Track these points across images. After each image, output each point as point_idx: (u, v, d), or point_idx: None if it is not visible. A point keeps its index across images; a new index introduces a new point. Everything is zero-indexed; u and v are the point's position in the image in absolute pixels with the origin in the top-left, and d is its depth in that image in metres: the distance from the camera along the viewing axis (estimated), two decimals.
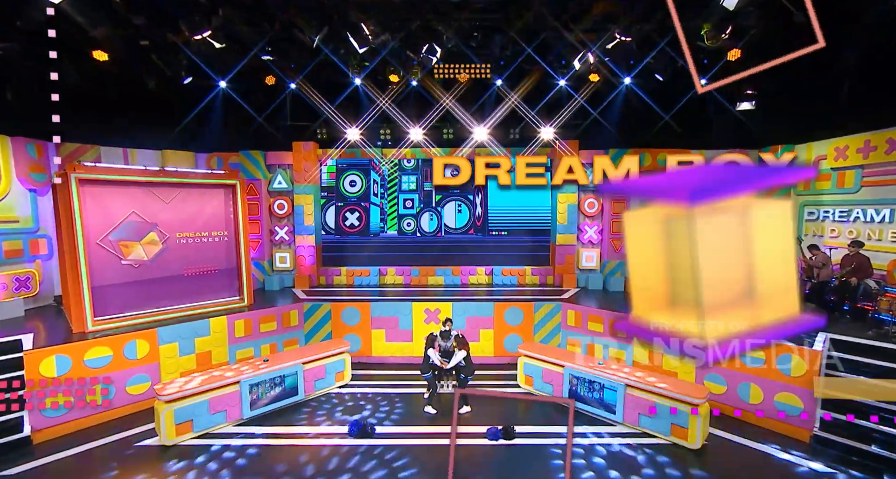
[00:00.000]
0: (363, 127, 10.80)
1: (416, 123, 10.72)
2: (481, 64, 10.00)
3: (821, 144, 9.14)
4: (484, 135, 10.64)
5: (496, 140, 10.97)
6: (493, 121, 10.69)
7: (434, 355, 6.89)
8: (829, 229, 8.92)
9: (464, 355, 6.80)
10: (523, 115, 10.68)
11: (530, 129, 10.86)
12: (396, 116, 10.77)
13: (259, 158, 11.10)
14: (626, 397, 6.43)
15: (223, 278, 8.81)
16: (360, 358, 9.13)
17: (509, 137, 11.55)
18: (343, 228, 11.99)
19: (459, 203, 12.04)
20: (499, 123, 11.00)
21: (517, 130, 11.48)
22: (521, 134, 11.46)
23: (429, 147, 11.11)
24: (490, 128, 10.81)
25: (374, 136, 11.52)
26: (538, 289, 10.90)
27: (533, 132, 10.81)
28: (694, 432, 5.81)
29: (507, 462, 5.62)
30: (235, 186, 8.84)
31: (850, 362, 6.09)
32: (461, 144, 11.10)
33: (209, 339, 7.75)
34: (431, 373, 6.97)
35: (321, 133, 11.59)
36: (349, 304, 9.28)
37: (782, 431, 6.26)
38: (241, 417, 6.54)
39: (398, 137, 11.18)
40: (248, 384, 6.59)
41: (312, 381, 7.48)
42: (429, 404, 6.99)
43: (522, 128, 11.28)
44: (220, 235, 8.78)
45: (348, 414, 6.87)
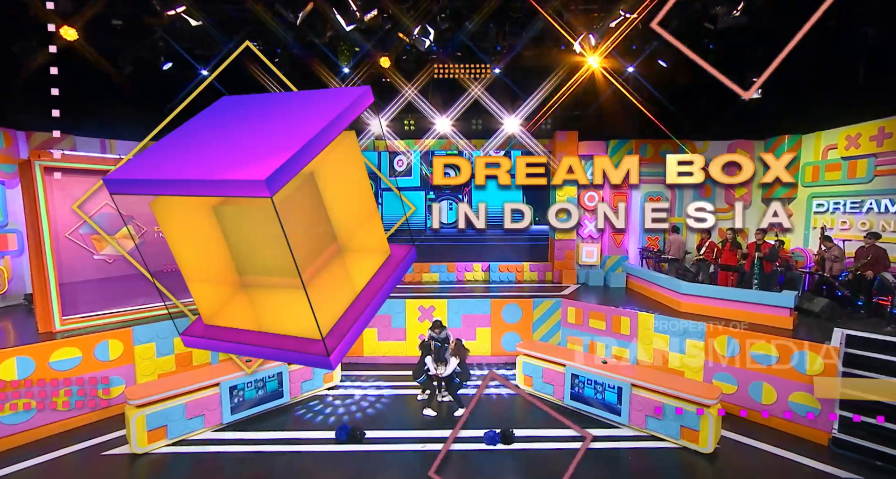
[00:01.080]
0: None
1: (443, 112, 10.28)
2: (478, 64, 9.61)
3: (830, 133, 8.79)
4: (515, 126, 10.18)
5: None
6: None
7: (431, 363, 6.50)
8: (839, 221, 8.57)
9: (457, 362, 6.41)
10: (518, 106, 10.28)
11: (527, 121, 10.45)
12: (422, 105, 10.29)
13: None
14: (631, 397, 6.03)
15: None
16: (351, 358, 8.70)
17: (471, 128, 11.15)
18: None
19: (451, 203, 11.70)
20: (489, 115, 10.60)
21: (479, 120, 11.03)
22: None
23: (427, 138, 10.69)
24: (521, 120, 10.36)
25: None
26: (537, 286, 10.51)
27: (530, 125, 10.40)
28: (706, 435, 5.42)
29: (505, 469, 5.21)
30: None
31: (867, 359, 5.74)
32: (490, 136, 10.69)
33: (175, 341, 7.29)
34: (425, 376, 6.56)
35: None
36: None
37: (798, 433, 5.88)
38: (222, 422, 6.10)
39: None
40: (228, 386, 6.15)
41: (299, 382, 7.04)
42: (428, 406, 6.58)
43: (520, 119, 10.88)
44: None
45: (337, 418, 6.45)
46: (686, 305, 7.68)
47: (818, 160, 9.14)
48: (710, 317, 7.18)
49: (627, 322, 7.80)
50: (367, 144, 11.05)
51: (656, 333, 7.40)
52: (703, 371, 6.85)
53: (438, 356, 6.73)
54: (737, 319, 6.96)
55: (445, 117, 10.32)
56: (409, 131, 11.01)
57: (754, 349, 6.33)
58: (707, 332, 6.80)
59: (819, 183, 9.04)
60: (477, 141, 11.11)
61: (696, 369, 6.92)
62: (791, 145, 9.64)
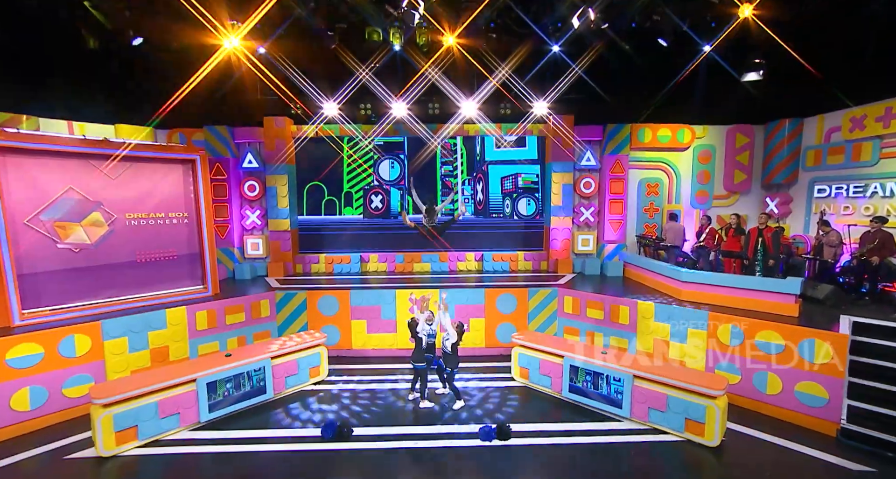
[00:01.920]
0: (341, 101, 9.81)
1: (399, 97, 9.79)
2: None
3: (834, 116, 8.54)
4: (472, 110, 9.76)
5: (484, 115, 10.11)
6: (481, 94, 9.81)
7: (423, 329, 6.12)
8: (842, 206, 8.35)
9: (455, 338, 6.04)
10: (513, 87, 9.82)
11: (521, 103, 9.99)
12: (377, 88, 9.80)
13: (226, 135, 10.09)
14: (633, 389, 5.75)
15: (184, 265, 7.88)
16: (339, 351, 8.32)
17: (499, 113, 10.72)
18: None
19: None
20: (487, 97, 10.13)
21: (507, 104, 10.62)
22: (512, 108, 10.64)
23: (414, 123, 10.21)
24: (479, 102, 9.93)
25: (353, 110, 10.54)
26: (532, 275, 10.20)
27: (525, 107, 9.96)
28: (712, 427, 5.16)
29: (501, 466, 4.89)
30: (195, 162, 7.88)
31: (875, 346, 5.51)
32: (448, 120, 10.25)
33: (165, 332, 6.86)
34: (425, 364, 6.21)
35: (295, 108, 10.62)
36: (326, 292, 8.44)
37: (804, 423, 5.66)
38: (199, 420, 5.70)
39: (380, 112, 10.24)
40: (205, 383, 5.74)
41: (283, 377, 6.66)
42: (412, 390, 6.26)
43: (512, 102, 10.42)
44: (179, 216, 7.83)
45: (323, 414, 6.08)
46: (687, 293, 7.42)
47: (820, 144, 8.90)
48: (711, 305, 6.94)
49: (626, 311, 7.53)
50: (320, 127, 10.34)
51: (656, 322, 7.14)
52: (705, 361, 6.62)
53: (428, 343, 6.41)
54: (740, 306, 6.74)
55: (400, 101, 9.71)
56: (434, 115, 10.47)
57: (759, 338, 6.08)
58: (710, 320, 6.54)
59: (821, 167, 8.80)
60: (470, 126, 10.68)
61: (698, 359, 6.68)
62: (792, 129, 9.38)
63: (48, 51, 7.67)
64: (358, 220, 11.07)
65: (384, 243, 11.01)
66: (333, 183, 11.05)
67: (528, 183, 11.12)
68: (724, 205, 10.34)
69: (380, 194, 11.14)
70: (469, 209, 11.31)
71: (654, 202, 10.39)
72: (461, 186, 11.23)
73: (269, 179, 10.29)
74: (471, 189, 11.36)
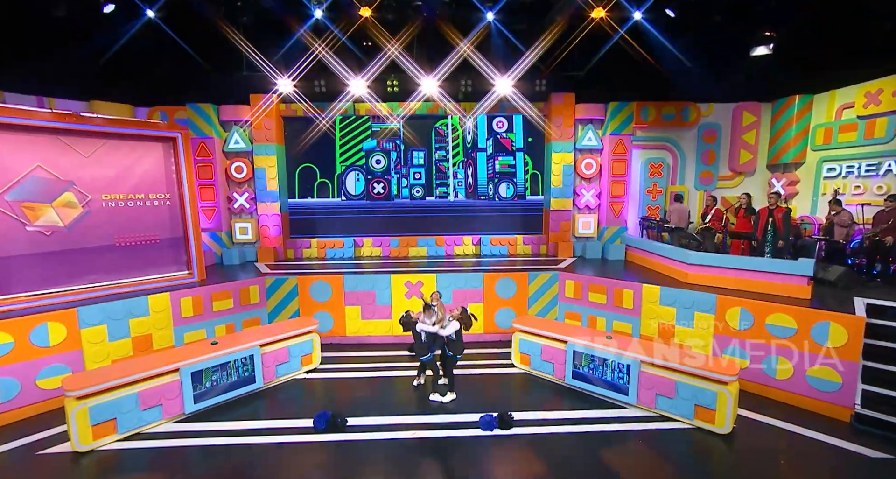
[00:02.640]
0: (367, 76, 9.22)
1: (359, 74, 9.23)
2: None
3: (847, 91, 8.18)
4: (508, 87, 9.11)
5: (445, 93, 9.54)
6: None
7: (424, 326, 5.80)
8: (852, 186, 8.07)
9: (457, 326, 5.73)
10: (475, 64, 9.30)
11: (484, 81, 9.40)
12: (404, 61, 9.18)
13: (211, 113, 9.58)
14: (640, 375, 5.51)
15: (167, 250, 7.48)
16: (332, 338, 8.03)
17: (459, 90, 10.19)
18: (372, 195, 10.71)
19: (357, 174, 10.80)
20: (479, 75, 9.61)
21: (469, 82, 9.99)
22: (475, 86, 10.03)
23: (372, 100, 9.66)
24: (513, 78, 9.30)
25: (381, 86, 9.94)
26: (531, 259, 9.90)
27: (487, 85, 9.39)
28: (723, 414, 4.94)
29: (504, 456, 4.65)
30: (176, 140, 7.40)
31: (891, 329, 5.30)
32: (480, 98, 9.66)
33: (148, 320, 6.50)
34: (431, 355, 5.91)
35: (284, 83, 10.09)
36: (319, 277, 8.10)
37: (815, 409, 5.46)
38: (184, 412, 5.39)
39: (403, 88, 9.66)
40: (190, 372, 5.42)
41: (273, 366, 6.35)
42: (434, 390, 5.95)
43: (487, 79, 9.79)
44: (161, 198, 7.39)
45: (316, 404, 5.80)
46: (694, 276, 7.16)
47: (831, 121, 8.56)
48: (719, 288, 6.69)
49: (630, 295, 7.26)
50: (346, 107, 10.07)
51: (661, 306, 6.89)
52: (712, 346, 6.39)
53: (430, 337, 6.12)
54: (749, 289, 6.49)
55: (432, 77, 9.35)
56: (393, 93, 10.02)
57: (770, 321, 5.84)
58: (718, 304, 6.29)
59: (831, 146, 8.49)
60: (466, 104, 10.23)
61: (705, 343, 6.45)
62: (801, 106, 9.03)
63: (13, 19, 7.09)
64: (349, 203, 10.64)
65: (378, 227, 10.65)
66: (325, 165, 10.60)
67: (504, 167, 10.71)
68: (729, 186, 10.04)
69: (371, 177, 10.70)
70: (461, 192, 10.89)
71: (658, 183, 10.07)
72: (452, 170, 10.77)
73: (257, 159, 9.83)
74: (462, 173, 10.92)
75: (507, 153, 10.70)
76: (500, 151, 10.69)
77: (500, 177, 10.73)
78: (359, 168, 10.60)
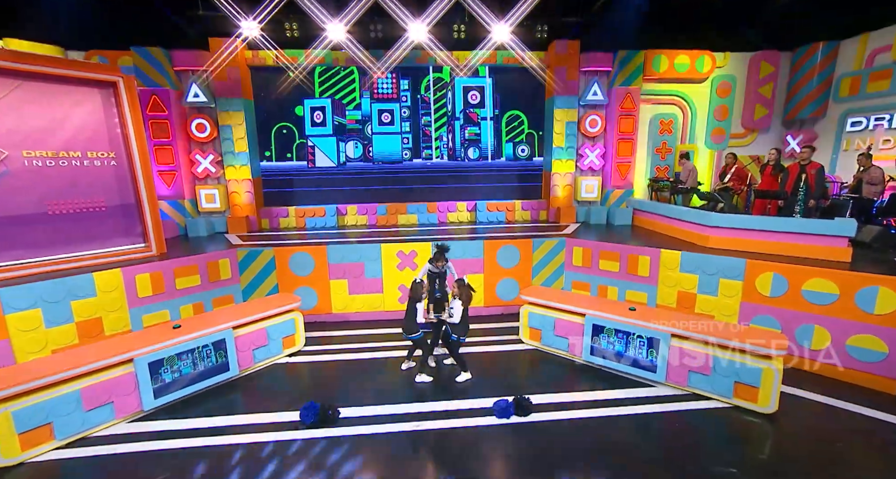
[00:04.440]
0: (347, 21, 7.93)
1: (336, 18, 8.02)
2: None
3: (882, 34, 7.43)
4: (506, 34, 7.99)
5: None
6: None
7: (422, 309, 5.06)
8: (881, 140, 7.48)
9: (461, 309, 4.98)
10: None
11: (480, 28, 8.28)
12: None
13: (163, 60, 8.18)
14: (671, 350, 4.91)
15: (116, 219, 6.36)
16: (317, 316, 7.20)
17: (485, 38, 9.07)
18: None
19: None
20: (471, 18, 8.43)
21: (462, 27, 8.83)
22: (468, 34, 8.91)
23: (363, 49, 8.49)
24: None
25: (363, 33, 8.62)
26: (530, 225, 9.14)
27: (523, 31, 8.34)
28: (767, 392, 4.40)
29: (525, 446, 4.01)
30: (117, 85, 6.14)
31: None
32: (475, 46, 8.51)
33: (95, 301, 5.49)
34: (421, 333, 5.16)
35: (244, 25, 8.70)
36: (299, 248, 7.15)
37: (856, 381, 5.01)
38: (142, 408, 4.53)
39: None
40: (146, 363, 4.52)
41: (249, 350, 5.50)
42: (420, 371, 5.26)
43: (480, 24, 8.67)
44: (104, 157, 6.19)
45: (302, 394, 5.02)
46: (716, 239, 6.54)
47: (859, 70, 7.86)
48: (745, 252, 6.09)
49: (647, 262, 6.62)
50: (323, 55, 8.80)
51: (682, 273, 6.27)
52: (738, 315, 5.85)
53: (434, 298, 5.41)
54: (778, 253, 5.93)
55: (420, 22, 8.13)
56: (376, 39, 8.78)
57: (807, 287, 5.28)
58: (747, 269, 5.69)
59: (858, 97, 7.83)
60: (459, 53, 9.08)
61: (731, 313, 5.91)
62: (826, 54, 8.28)
63: None
64: (327, 167, 9.54)
65: (364, 194, 9.64)
66: (304, 124, 9.39)
67: (471, 136, 9.76)
68: (742, 144, 9.38)
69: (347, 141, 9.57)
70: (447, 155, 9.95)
71: (668, 142, 9.31)
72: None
73: (221, 116, 8.55)
74: (446, 136, 9.90)
75: (473, 124, 9.72)
76: (468, 122, 9.70)
77: (469, 143, 9.79)
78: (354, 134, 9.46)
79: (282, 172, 9.44)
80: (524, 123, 9.80)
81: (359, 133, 9.50)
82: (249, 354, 5.50)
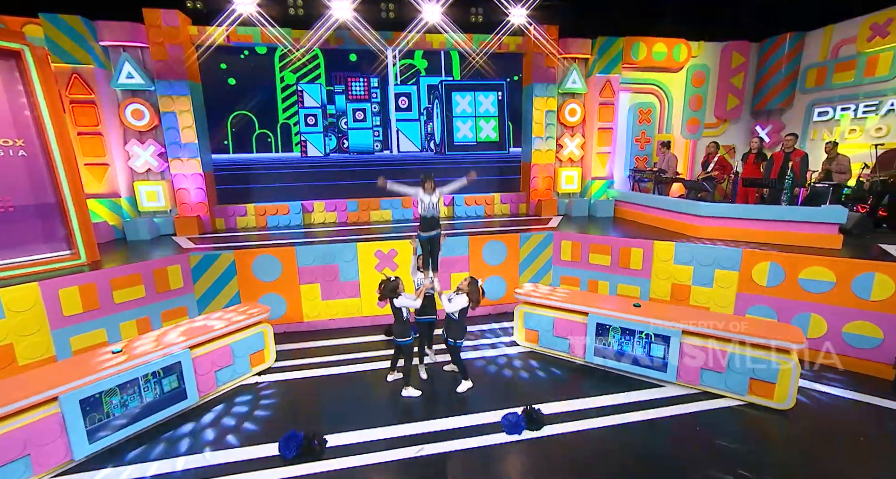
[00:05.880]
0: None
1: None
2: None
3: (847, 26, 7.63)
4: (436, 16, 7.50)
5: (453, 22, 7.91)
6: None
7: (406, 299, 4.45)
8: (847, 129, 7.71)
9: (464, 302, 4.44)
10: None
11: (495, 9, 7.90)
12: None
13: (84, 32, 6.93)
14: (682, 347, 4.64)
15: (29, 222, 5.23)
16: (287, 326, 6.40)
17: (469, 20, 8.58)
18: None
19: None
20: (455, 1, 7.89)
21: (479, 9, 8.53)
22: (485, 16, 8.57)
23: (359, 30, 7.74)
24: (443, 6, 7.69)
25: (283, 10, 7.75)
26: (510, 219, 8.74)
27: (500, 14, 7.88)
28: (784, 388, 4.22)
29: (542, 466, 3.56)
30: (21, 55, 5.00)
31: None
32: (405, 28, 7.92)
33: (4, 324, 4.42)
34: (412, 338, 4.58)
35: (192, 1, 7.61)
36: (263, 251, 6.29)
37: (852, 367, 5.01)
38: (72, 458, 3.63)
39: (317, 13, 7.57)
40: (77, 400, 3.62)
41: (211, 373, 4.67)
42: (408, 384, 4.67)
43: (486, 8, 8.33)
44: (7, 146, 5.05)
45: (279, 421, 4.29)
46: (707, 230, 6.42)
47: (825, 60, 8.07)
48: (736, 242, 6.00)
49: (639, 254, 6.39)
50: (328, 36, 7.81)
51: (676, 264, 6.09)
52: (734, 305, 5.75)
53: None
54: (770, 241, 5.89)
55: (436, 3, 7.38)
56: (389, 19, 7.99)
57: (804, 275, 5.22)
58: (743, 259, 5.57)
59: (824, 87, 8.04)
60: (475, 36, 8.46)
61: (726, 304, 5.79)
62: (793, 46, 8.45)
63: None
64: (296, 159, 8.65)
65: (332, 188, 8.82)
66: (265, 112, 8.39)
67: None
68: (715, 134, 9.48)
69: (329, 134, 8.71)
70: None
71: (647, 132, 9.22)
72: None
73: (162, 101, 7.42)
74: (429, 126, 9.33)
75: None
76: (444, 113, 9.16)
77: (431, 136, 9.28)
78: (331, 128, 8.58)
79: (239, 166, 8.41)
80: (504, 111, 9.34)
81: (334, 127, 8.69)
82: (211, 376, 4.67)
